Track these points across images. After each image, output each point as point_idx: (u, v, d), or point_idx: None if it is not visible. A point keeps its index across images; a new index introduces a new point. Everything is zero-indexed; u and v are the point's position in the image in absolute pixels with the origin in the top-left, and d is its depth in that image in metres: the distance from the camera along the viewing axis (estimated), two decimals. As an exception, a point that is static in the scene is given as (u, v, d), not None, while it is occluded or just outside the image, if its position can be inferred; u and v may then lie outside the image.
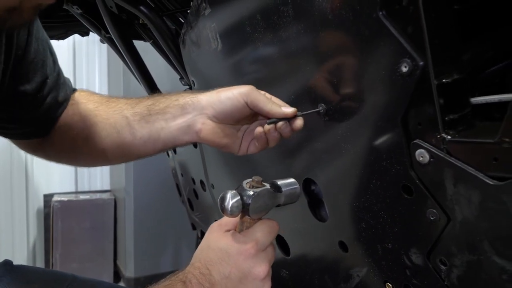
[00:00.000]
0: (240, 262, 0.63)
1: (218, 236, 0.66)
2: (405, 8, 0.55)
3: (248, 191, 0.63)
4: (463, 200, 0.55)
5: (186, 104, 0.76)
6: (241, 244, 0.63)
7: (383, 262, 0.71)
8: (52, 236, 2.63)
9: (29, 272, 0.78)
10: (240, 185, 0.64)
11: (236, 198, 0.62)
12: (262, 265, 0.64)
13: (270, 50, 0.81)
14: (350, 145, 0.70)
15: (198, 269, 0.63)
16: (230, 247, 0.64)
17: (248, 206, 0.62)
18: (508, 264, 0.53)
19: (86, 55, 2.95)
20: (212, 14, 0.92)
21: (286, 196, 0.66)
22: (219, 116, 0.74)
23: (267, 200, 0.64)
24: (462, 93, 0.57)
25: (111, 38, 1.37)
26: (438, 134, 0.56)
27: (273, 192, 0.65)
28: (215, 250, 0.65)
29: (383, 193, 0.67)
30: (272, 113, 0.71)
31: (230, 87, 0.74)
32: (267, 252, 0.66)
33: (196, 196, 1.48)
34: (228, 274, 0.63)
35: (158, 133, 0.77)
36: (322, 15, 0.66)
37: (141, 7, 1.11)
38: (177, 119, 0.76)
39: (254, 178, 0.64)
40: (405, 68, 0.56)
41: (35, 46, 0.71)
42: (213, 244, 0.66)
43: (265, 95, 0.73)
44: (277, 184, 0.66)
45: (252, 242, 0.64)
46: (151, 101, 0.79)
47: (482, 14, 0.71)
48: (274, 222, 0.67)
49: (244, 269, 0.63)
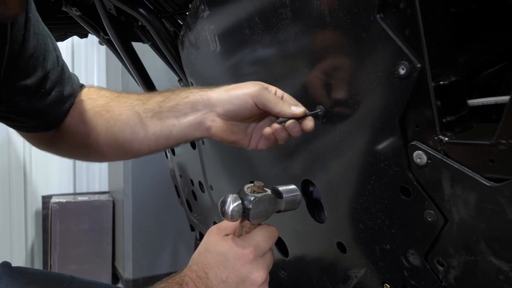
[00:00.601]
0: (238, 267, 0.63)
1: (216, 239, 0.65)
2: (402, 11, 0.55)
3: (249, 196, 0.62)
4: (460, 201, 0.56)
5: (196, 102, 0.76)
6: (240, 249, 0.63)
7: (381, 263, 0.72)
8: (50, 237, 2.62)
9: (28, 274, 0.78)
10: (242, 189, 0.64)
11: (237, 203, 0.62)
12: (260, 271, 0.63)
13: (269, 52, 0.81)
14: (348, 146, 0.70)
15: (195, 272, 0.63)
16: (228, 251, 0.63)
17: (248, 211, 0.62)
18: (505, 264, 0.54)
19: (84, 57, 2.95)
20: (210, 16, 0.92)
21: (287, 202, 0.66)
22: (228, 114, 0.74)
23: (268, 205, 0.64)
24: (459, 95, 0.58)
25: (109, 40, 1.37)
26: (435, 136, 0.57)
27: (274, 198, 0.65)
28: (213, 254, 0.64)
29: (381, 195, 0.67)
30: (282, 114, 0.71)
31: (240, 84, 0.74)
32: (266, 258, 0.65)
33: (194, 198, 1.48)
34: (225, 279, 0.62)
35: (170, 129, 0.78)
36: (320, 17, 0.67)
37: (140, 9, 1.11)
38: (188, 116, 0.77)
39: (256, 183, 0.64)
40: (402, 70, 0.56)
41: (35, 41, 0.71)
42: (211, 247, 0.65)
43: (276, 92, 0.73)
44: (278, 190, 0.66)
45: (251, 247, 0.63)
46: (161, 97, 0.80)
47: (478, 16, 0.72)
48: (273, 228, 0.66)
49: (242, 274, 0.63)
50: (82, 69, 2.95)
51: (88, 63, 2.96)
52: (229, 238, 0.65)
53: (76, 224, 2.65)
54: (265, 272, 0.64)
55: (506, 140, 0.49)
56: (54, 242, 2.61)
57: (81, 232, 2.65)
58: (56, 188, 2.88)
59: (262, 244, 0.64)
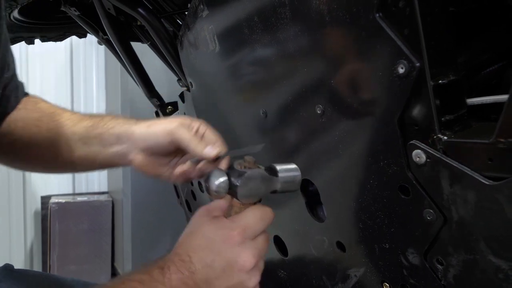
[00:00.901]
0: (225, 250, 0.58)
1: (203, 221, 0.62)
2: (401, 10, 0.55)
3: (237, 172, 0.57)
4: (459, 200, 0.56)
5: (121, 135, 0.79)
6: (227, 230, 0.59)
7: (380, 262, 0.72)
8: (49, 238, 2.62)
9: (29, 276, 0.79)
10: (232, 163, 0.59)
11: (223, 178, 0.57)
12: (250, 255, 0.59)
13: (268, 51, 0.81)
14: (347, 146, 0.71)
15: (178, 255, 0.59)
16: (214, 233, 0.59)
17: (236, 188, 0.56)
18: (504, 263, 0.54)
19: (83, 57, 2.95)
20: (209, 16, 0.92)
21: (283, 182, 0.60)
22: (148, 150, 0.76)
23: (260, 183, 0.58)
24: (458, 94, 0.58)
25: (108, 40, 1.37)
26: (434, 135, 0.57)
27: (267, 176, 0.59)
28: (199, 236, 0.60)
29: (380, 194, 0.67)
30: (195, 154, 0.71)
31: (162, 120, 0.77)
32: (257, 242, 0.61)
33: (194, 198, 1.48)
34: (210, 263, 0.58)
35: (95, 156, 0.81)
36: (319, 17, 0.67)
37: (139, 9, 1.11)
38: (113, 147, 0.79)
39: (246, 157, 0.59)
40: (401, 69, 0.57)
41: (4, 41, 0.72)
42: (197, 229, 0.61)
43: (198, 129, 0.73)
44: (275, 167, 0.60)
45: (239, 228, 0.59)
46: (91, 122, 0.82)
47: (478, 15, 0.72)
48: (267, 208, 0.62)
49: (228, 258, 0.58)
50: (81, 69, 2.94)
51: (87, 63, 2.96)
52: (217, 219, 0.61)
53: (75, 224, 2.65)
54: (255, 256, 0.60)
55: (505, 139, 0.49)
56: (53, 242, 2.61)
57: (80, 232, 2.65)
58: (55, 188, 2.88)
59: (253, 225, 0.60)
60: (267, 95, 0.86)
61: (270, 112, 0.85)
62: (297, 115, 0.78)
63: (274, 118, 0.85)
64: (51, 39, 1.80)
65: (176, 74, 1.25)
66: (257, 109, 0.87)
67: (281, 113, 0.83)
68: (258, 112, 0.87)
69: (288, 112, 0.80)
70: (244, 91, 0.93)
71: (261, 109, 0.87)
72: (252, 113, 0.90)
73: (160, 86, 1.46)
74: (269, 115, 0.86)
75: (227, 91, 0.98)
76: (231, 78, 0.95)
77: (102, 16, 1.25)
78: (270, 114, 0.85)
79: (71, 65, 2.90)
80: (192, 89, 1.13)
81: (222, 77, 0.98)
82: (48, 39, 1.81)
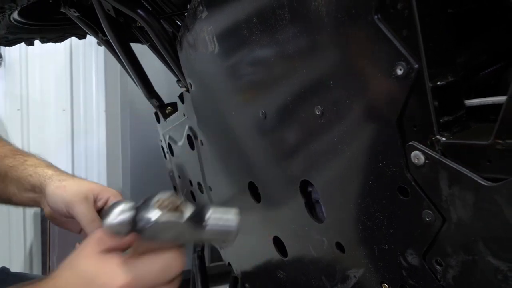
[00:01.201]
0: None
1: (89, 253, 0.50)
2: (400, 12, 0.55)
3: (148, 212, 0.46)
4: (458, 201, 0.56)
5: (35, 186, 0.84)
6: (111, 276, 0.47)
7: (379, 263, 0.72)
8: (49, 239, 2.62)
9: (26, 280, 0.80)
10: (150, 196, 0.48)
11: (126, 216, 0.46)
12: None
13: (267, 53, 0.81)
14: (346, 147, 0.71)
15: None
16: (95, 275, 0.48)
17: (141, 231, 0.46)
18: (503, 264, 0.54)
19: (83, 58, 2.94)
20: (209, 17, 0.92)
21: (212, 233, 0.50)
22: (53, 209, 0.83)
23: (176, 233, 0.48)
24: (457, 95, 0.58)
25: (108, 41, 1.38)
26: (433, 136, 0.57)
27: (187, 226, 0.48)
28: (75, 272, 0.49)
29: (380, 195, 0.67)
30: (85, 231, 0.78)
31: (71, 185, 0.82)
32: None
33: (193, 198, 1.48)
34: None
35: (10, 196, 0.86)
36: (317, 18, 0.67)
37: (139, 10, 1.12)
38: (28, 193, 0.85)
39: (171, 197, 0.48)
40: (400, 71, 0.57)
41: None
42: (78, 262, 0.50)
43: (107, 201, 0.80)
44: (203, 214, 0.50)
45: (129, 277, 0.47)
46: (13, 161, 0.86)
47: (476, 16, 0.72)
48: (178, 255, 0.50)
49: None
50: (81, 70, 2.94)
51: (87, 64, 2.95)
52: (106, 257, 0.50)
53: (75, 225, 2.64)
54: None
55: (504, 140, 0.49)
56: (52, 243, 2.60)
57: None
58: (55, 189, 2.87)
59: (147, 278, 0.48)
60: (266, 96, 0.86)
61: (269, 113, 0.85)
62: (296, 116, 0.78)
63: (273, 119, 0.85)
64: (50, 40, 1.80)
65: (175, 75, 1.25)
66: (256, 110, 0.88)
67: (280, 114, 0.83)
68: (257, 113, 0.88)
69: (287, 113, 0.80)
70: (243, 92, 0.94)
71: (260, 110, 0.87)
72: (251, 114, 0.90)
73: (159, 87, 1.46)
74: (268, 116, 0.86)
75: (227, 92, 0.99)
76: (230, 79, 0.95)
77: (102, 17, 1.25)
78: (269, 115, 0.85)
79: (70, 66, 2.90)
80: (192, 90, 1.13)
81: (221, 78, 0.98)
82: (47, 40, 1.81)
